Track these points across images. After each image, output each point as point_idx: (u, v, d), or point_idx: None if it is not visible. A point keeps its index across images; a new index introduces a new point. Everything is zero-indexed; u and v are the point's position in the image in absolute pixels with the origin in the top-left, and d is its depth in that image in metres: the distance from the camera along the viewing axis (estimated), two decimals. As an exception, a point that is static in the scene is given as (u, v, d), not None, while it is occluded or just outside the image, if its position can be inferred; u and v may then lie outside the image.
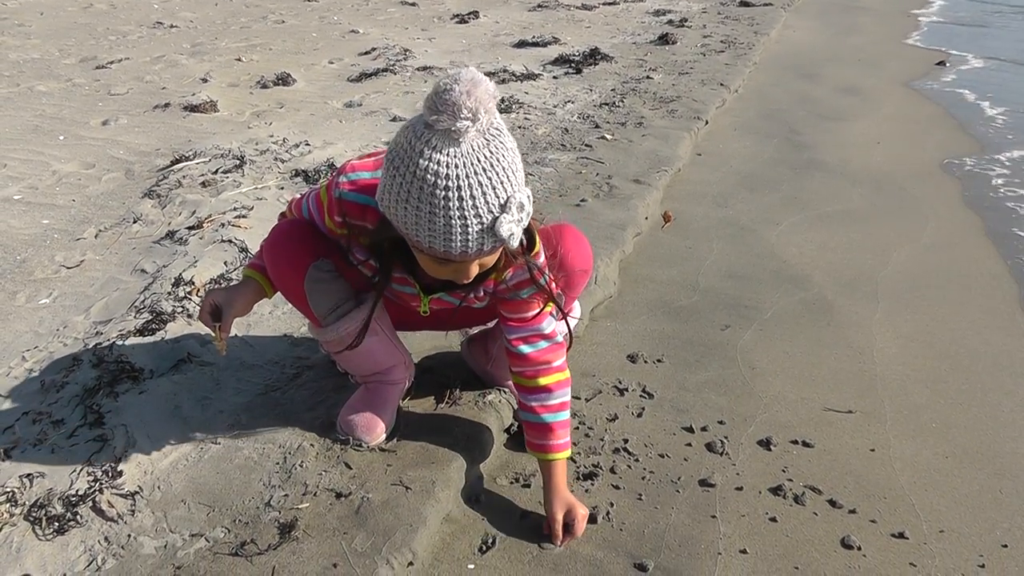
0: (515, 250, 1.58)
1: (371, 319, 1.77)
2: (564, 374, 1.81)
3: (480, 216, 1.35)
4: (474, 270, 1.49)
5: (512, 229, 1.38)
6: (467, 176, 1.32)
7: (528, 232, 1.60)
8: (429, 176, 1.32)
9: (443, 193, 1.32)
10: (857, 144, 4.95)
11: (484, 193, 1.34)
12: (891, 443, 2.15)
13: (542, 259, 1.70)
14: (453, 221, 1.34)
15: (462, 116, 1.30)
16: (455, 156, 1.32)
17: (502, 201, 1.36)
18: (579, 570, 1.69)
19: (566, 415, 1.81)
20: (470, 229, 1.35)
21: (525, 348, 1.77)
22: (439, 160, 1.32)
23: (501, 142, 1.36)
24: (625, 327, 2.69)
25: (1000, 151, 4.97)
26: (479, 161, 1.33)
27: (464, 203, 1.33)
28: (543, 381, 1.77)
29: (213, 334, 1.75)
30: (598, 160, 4.11)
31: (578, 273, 1.86)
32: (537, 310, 1.75)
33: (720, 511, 1.87)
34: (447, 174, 1.32)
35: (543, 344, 1.77)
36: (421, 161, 1.32)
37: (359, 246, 1.69)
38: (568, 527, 1.74)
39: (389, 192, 1.39)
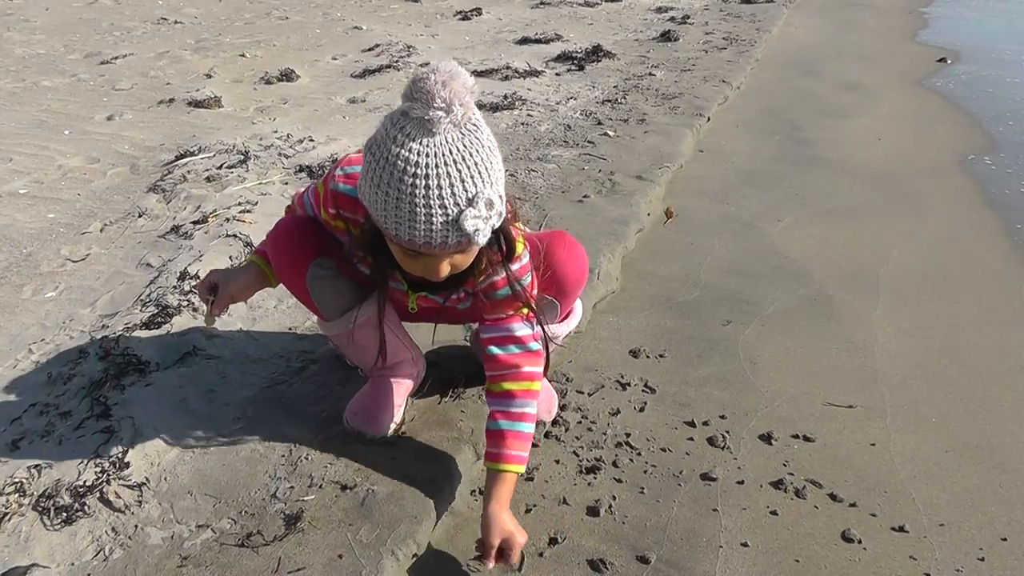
0: (493, 256, 1.57)
1: (382, 311, 1.76)
2: (533, 384, 1.74)
3: (445, 208, 1.33)
4: (444, 269, 1.47)
5: (478, 225, 1.36)
6: (436, 166, 1.32)
7: (507, 237, 1.58)
8: (400, 163, 1.32)
9: (411, 180, 1.32)
10: (859, 141, 4.96)
11: (452, 184, 1.33)
12: (891, 437, 2.16)
13: (520, 264, 1.67)
14: (418, 210, 1.33)
15: (435, 105, 1.30)
16: (427, 146, 1.32)
17: (470, 196, 1.34)
18: (582, 563, 1.70)
19: (526, 427, 1.72)
20: (434, 219, 1.34)
21: (495, 349, 1.73)
22: (411, 148, 1.32)
23: (477, 138, 1.36)
24: (627, 322, 2.70)
25: (1003, 147, 4.97)
26: (450, 153, 1.33)
27: (430, 192, 1.32)
28: (507, 386, 1.72)
29: (206, 307, 1.78)
30: (600, 156, 4.12)
31: (571, 283, 1.85)
32: (511, 311, 1.72)
33: (722, 504, 1.88)
34: (416, 162, 1.31)
35: (514, 348, 1.73)
36: (394, 148, 1.33)
37: (353, 240, 1.70)
38: (502, 553, 1.62)
39: (364, 178, 1.40)
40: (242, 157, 3.81)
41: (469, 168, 1.34)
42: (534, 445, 2.03)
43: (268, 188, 3.45)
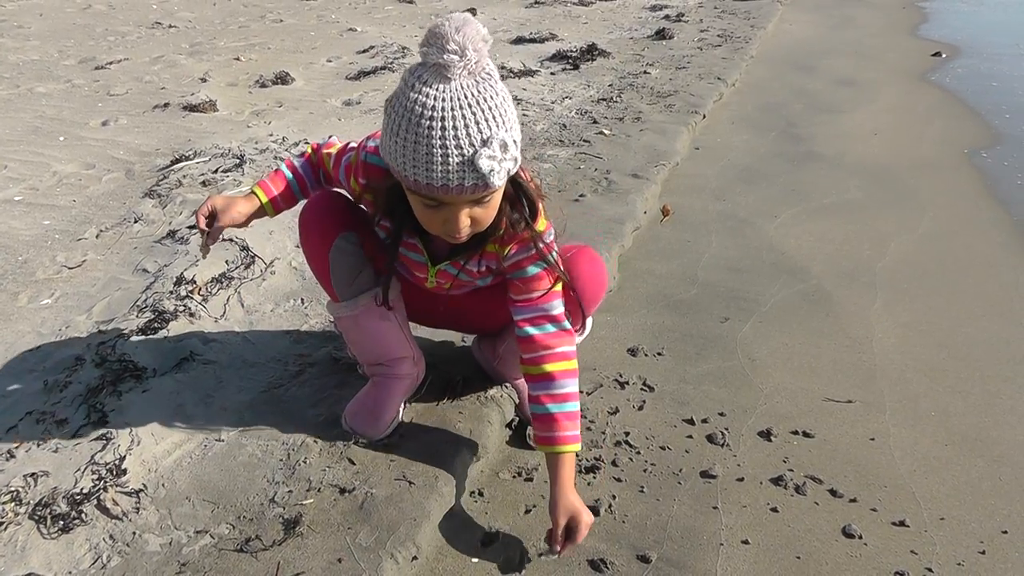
0: (514, 217, 1.62)
1: (393, 263, 1.79)
2: (571, 363, 1.75)
3: (461, 148, 1.37)
4: (464, 221, 1.49)
5: (492, 166, 1.39)
6: (451, 110, 1.36)
7: (528, 198, 1.63)
8: (417, 107, 1.37)
9: (427, 123, 1.36)
10: (854, 136, 4.96)
11: (467, 126, 1.37)
12: (891, 432, 2.16)
13: (550, 237, 1.71)
14: (435, 150, 1.37)
15: (449, 49, 1.34)
16: (443, 91, 1.36)
17: (484, 137, 1.38)
18: (582, 563, 1.70)
19: (573, 407, 1.73)
20: (450, 159, 1.37)
21: (531, 329, 1.73)
22: (427, 93, 1.37)
23: (491, 85, 1.40)
24: (625, 321, 2.70)
25: (1002, 141, 4.97)
26: (465, 98, 1.37)
27: (447, 133, 1.36)
28: (547, 368, 1.72)
29: (201, 238, 1.80)
30: (596, 155, 4.11)
31: (588, 298, 1.84)
32: (543, 290, 1.73)
33: (722, 502, 1.88)
34: (432, 105, 1.36)
35: (550, 327, 1.73)
36: (411, 94, 1.38)
37: (380, 210, 1.73)
38: (570, 533, 1.66)
39: (385, 131, 1.45)
40: (238, 161, 3.80)
41: (484, 112, 1.38)
42: (532, 447, 2.03)
43: (264, 192, 3.44)
